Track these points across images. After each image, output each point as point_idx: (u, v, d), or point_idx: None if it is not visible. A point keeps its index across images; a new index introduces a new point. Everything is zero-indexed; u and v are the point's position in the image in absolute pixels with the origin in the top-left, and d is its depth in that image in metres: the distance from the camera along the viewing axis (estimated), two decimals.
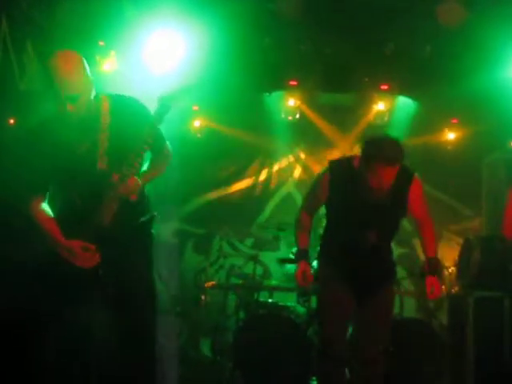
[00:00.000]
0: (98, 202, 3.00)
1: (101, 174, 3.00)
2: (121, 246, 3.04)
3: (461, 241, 5.86)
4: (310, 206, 3.78)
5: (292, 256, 4.86)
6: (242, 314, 5.74)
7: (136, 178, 3.00)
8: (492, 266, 4.97)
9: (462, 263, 5.31)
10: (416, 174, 3.61)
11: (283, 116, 6.98)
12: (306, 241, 3.74)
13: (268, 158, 7.56)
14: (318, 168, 6.92)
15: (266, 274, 6.38)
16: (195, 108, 7.03)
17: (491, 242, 5.12)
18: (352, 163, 3.57)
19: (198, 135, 7.27)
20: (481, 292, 4.93)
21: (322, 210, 3.80)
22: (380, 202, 3.46)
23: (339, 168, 3.61)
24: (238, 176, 7.51)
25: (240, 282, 6.05)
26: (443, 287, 5.45)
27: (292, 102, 6.90)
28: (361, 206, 3.49)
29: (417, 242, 5.54)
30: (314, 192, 3.74)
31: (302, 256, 3.71)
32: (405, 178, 3.53)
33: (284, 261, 6.07)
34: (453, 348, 5.23)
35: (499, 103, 6.09)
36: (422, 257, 3.87)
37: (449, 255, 6.11)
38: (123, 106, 3.12)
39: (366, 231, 3.51)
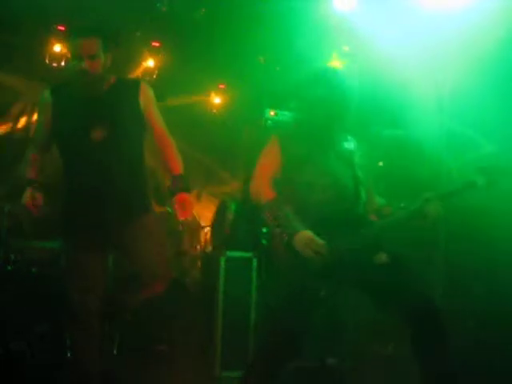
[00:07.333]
0: None
1: None
2: None
3: (218, 203, 6.06)
4: (38, 140, 3.47)
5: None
6: None
7: None
8: (243, 227, 5.22)
9: (216, 224, 5.51)
10: (144, 82, 3.45)
11: (48, 62, 6.62)
12: (34, 174, 3.41)
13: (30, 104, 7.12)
14: None
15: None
16: None
17: (244, 204, 5.37)
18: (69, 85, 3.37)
19: None
20: (231, 252, 5.16)
21: None
22: (101, 97, 3.30)
23: (59, 90, 3.39)
24: None
25: None
26: (198, 247, 5.59)
27: (58, 48, 6.56)
28: (84, 115, 3.28)
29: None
30: (39, 121, 3.47)
31: (30, 183, 3.35)
32: (131, 86, 3.39)
33: None
34: (205, 304, 5.43)
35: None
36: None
37: (206, 216, 6.28)
38: None
39: (91, 132, 3.25)
